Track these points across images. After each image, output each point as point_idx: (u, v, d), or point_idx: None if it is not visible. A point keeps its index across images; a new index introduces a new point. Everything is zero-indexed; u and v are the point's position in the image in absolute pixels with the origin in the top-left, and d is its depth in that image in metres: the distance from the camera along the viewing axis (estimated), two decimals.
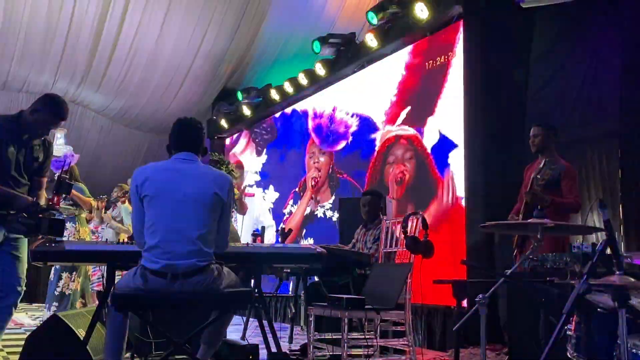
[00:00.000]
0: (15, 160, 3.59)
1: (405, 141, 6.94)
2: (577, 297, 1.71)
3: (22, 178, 3.65)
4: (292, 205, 9.34)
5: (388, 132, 7.29)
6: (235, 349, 4.14)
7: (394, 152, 7.13)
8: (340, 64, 8.16)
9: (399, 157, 7.03)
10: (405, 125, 7.03)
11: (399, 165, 6.99)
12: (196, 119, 3.34)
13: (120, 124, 11.61)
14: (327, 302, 3.09)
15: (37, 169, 3.77)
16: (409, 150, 6.90)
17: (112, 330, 3.11)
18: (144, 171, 3.06)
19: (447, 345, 5.59)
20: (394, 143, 7.12)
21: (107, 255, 3.35)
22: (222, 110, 10.94)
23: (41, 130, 3.71)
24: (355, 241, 4.94)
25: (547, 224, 2.25)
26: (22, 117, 3.66)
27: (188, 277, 2.88)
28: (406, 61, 7.19)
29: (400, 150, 7.02)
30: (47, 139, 3.85)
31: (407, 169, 6.80)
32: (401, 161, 6.97)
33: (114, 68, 9.96)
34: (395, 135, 7.15)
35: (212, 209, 3.02)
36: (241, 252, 3.42)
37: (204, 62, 10.10)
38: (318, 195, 8.69)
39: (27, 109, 3.70)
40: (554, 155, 4.52)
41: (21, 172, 3.64)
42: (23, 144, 3.65)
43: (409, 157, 6.88)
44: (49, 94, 3.86)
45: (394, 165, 7.09)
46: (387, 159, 7.20)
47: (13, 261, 3.62)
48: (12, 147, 3.58)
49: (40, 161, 3.78)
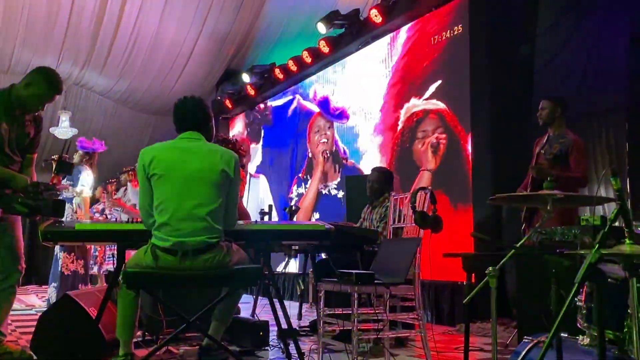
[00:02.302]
0: (8, 137, 3.46)
1: (435, 115, 6.74)
2: (589, 266, 1.71)
3: (15, 155, 3.53)
4: (298, 189, 9.34)
5: (413, 107, 7.07)
6: (246, 326, 4.17)
7: (424, 127, 6.88)
8: (345, 41, 8.10)
9: (428, 132, 6.80)
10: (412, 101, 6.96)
11: (430, 138, 6.77)
12: (197, 97, 3.29)
13: (125, 106, 11.61)
14: (337, 278, 3.10)
15: (28, 145, 3.62)
16: (439, 126, 6.70)
17: (124, 308, 3.13)
18: (151, 150, 3.06)
19: (456, 320, 5.62)
20: (423, 118, 6.90)
21: (117, 235, 3.36)
22: (226, 91, 10.93)
23: (35, 105, 3.54)
24: (362, 220, 4.94)
25: (557, 195, 2.24)
26: (14, 91, 3.50)
27: (198, 254, 2.90)
28: (411, 37, 7.13)
29: (430, 125, 6.78)
30: (39, 113, 3.68)
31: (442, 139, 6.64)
32: (426, 136, 6.79)
33: (117, 50, 9.94)
34: (423, 109, 6.89)
35: (219, 186, 3.02)
36: (250, 230, 3.43)
37: (207, 43, 10.05)
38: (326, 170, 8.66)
39: (19, 83, 3.52)
40: (563, 128, 4.48)
41: (14, 149, 3.51)
42: (15, 119, 3.51)
43: (435, 128, 6.70)
44: (42, 67, 3.63)
45: (423, 139, 6.88)
46: (416, 135, 6.98)
47: (10, 241, 3.57)
48: (5, 123, 3.44)
49: (32, 137, 3.63)
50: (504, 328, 4.95)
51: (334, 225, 3.87)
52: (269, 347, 4.11)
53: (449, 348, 4.35)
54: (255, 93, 10.30)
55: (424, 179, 6.65)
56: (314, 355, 3.73)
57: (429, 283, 5.80)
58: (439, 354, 3.81)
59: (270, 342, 4.17)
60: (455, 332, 5.20)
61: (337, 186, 8.29)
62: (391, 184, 4.97)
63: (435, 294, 6.02)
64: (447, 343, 4.63)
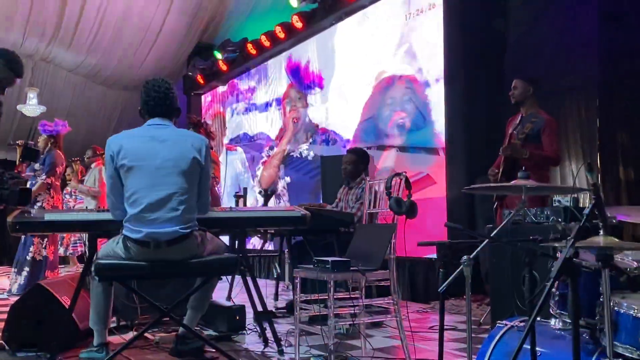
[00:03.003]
0: None
1: (403, 82, 6.75)
2: (564, 261, 1.72)
3: None
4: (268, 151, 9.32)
5: (381, 74, 7.09)
6: (222, 310, 4.17)
7: (392, 94, 6.91)
8: (318, 17, 7.99)
9: (397, 100, 6.82)
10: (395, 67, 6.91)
11: (398, 113, 6.80)
12: (164, 80, 3.15)
13: (94, 82, 11.34)
14: (312, 265, 3.09)
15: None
16: (406, 93, 6.71)
17: (97, 299, 3.11)
18: (118, 140, 2.96)
19: (430, 297, 5.69)
20: (391, 85, 6.92)
21: (89, 224, 3.30)
22: (197, 66, 10.74)
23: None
24: (338, 200, 4.94)
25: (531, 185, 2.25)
26: None
27: (171, 245, 2.85)
28: (385, 12, 7.06)
29: (399, 92, 6.79)
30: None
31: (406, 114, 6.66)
32: (399, 105, 6.79)
33: (85, 25, 9.67)
34: (391, 76, 6.92)
35: (191, 174, 2.96)
36: (224, 218, 3.40)
37: (176, 18, 9.84)
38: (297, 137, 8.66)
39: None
40: (536, 108, 4.50)
41: None
42: None
43: (407, 99, 6.70)
44: (1, 49, 3.48)
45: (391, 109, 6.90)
46: (385, 101, 7.00)
47: None
48: None
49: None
50: (477, 305, 5.04)
51: (309, 209, 3.86)
52: (246, 331, 4.11)
53: (423, 327, 4.40)
54: (228, 68, 10.14)
55: (391, 154, 6.68)
56: (291, 339, 3.75)
57: (403, 260, 5.85)
58: (413, 334, 3.85)
59: (247, 325, 4.17)
60: (430, 310, 5.26)
61: (309, 147, 8.26)
62: (367, 165, 4.97)
63: (410, 270, 6.07)
64: (422, 322, 4.69)
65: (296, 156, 8.61)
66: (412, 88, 6.57)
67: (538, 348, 2.26)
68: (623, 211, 2.70)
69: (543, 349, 2.31)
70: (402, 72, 6.72)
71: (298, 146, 8.59)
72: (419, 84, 6.49)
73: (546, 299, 1.93)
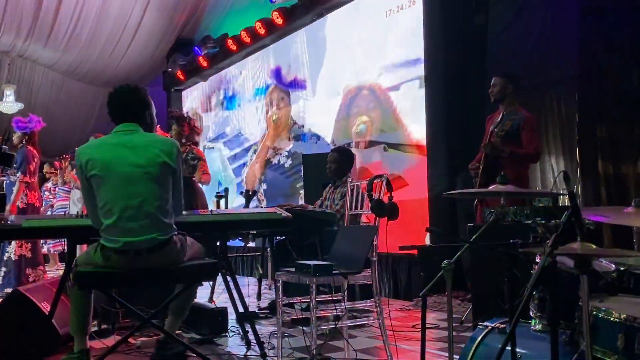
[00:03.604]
0: None
1: (367, 91, 6.85)
2: (542, 270, 1.73)
3: None
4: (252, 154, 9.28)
5: (349, 84, 7.18)
6: (204, 313, 4.15)
7: (358, 103, 7.03)
8: (298, 13, 7.95)
9: (362, 108, 6.94)
10: (367, 75, 6.93)
11: (361, 117, 6.92)
12: (132, 86, 3.10)
13: (73, 78, 11.21)
14: (294, 268, 3.09)
15: None
16: (371, 100, 6.82)
17: (77, 305, 3.06)
18: (86, 150, 2.91)
19: (413, 294, 5.71)
20: (356, 94, 7.03)
21: (67, 230, 3.26)
22: (177, 62, 10.65)
23: None
24: (323, 199, 4.93)
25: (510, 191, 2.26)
26: None
27: (150, 252, 2.81)
28: (366, 9, 7.04)
29: (364, 100, 6.93)
30: None
31: (369, 120, 6.74)
32: (365, 112, 6.88)
33: (62, 21, 9.54)
34: (356, 86, 7.05)
35: (163, 179, 2.90)
36: (204, 221, 3.37)
37: (155, 13, 9.73)
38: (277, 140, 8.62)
39: None
40: (515, 105, 4.52)
41: None
42: None
43: (372, 107, 6.80)
44: None
45: (357, 116, 7.02)
46: (351, 111, 7.11)
47: None
48: None
49: None
50: (459, 302, 5.06)
51: (290, 210, 3.85)
52: (228, 334, 4.10)
53: (406, 326, 4.42)
54: (208, 64, 10.06)
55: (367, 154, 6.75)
56: (273, 341, 3.75)
57: (386, 256, 5.86)
58: (397, 334, 3.87)
59: (230, 327, 4.15)
60: (413, 308, 5.28)
61: (289, 153, 8.24)
62: (351, 163, 4.98)
63: (393, 267, 6.09)
64: (405, 320, 4.70)
65: (277, 155, 8.58)
66: (385, 87, 6.60)
67: (519, 349, 2.29)
68: (602, 212, 2.71)
69: (524, 350, 2.34)
70: (380, 70, 6.73)
71: (280, 145, 8.56)
72: (395, 83, 6.51)
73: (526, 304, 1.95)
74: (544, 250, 1.90)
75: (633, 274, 2.28)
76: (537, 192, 3.73)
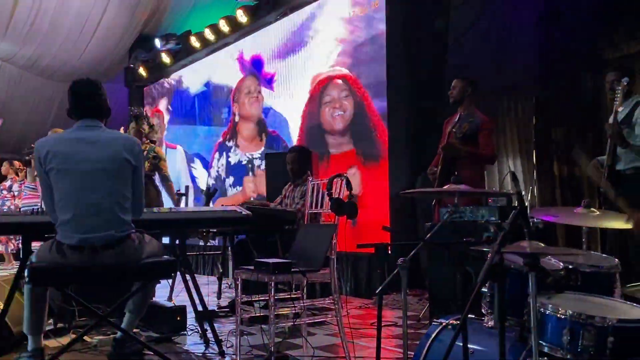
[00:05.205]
0: None
1: (340, 81, 6.85)
2: (490, 268, 1.79)
3: None
4: (220, 158, 9.20)
5: (319, 75, 7.18)
6: (163, 311, 4.12)
7: (329, 92, 7.02)
8: (262, 11, 7.95)
9: (335, 97, 6.93)
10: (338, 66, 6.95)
11: (335, 111, 6.92)
12: (93, 81, 3.06)
13: (31, 73, 10.94)
14: (253, 266, 3.10)
15: None
16: (344, 89, 6.82)
17: (31, 303, 3.01)
18: (46, 143, 2.87)
19: (373, 292, 5.77)
20: (328, 84, 7.03)
21: (22, 227, 3.21)
22: (139, 58, 10.51)
23: None
24: (283, 197, 4.94)
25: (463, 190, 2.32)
26: None
27: (107, 249, 2.79)
28: (329, 9, 7.08)
29: (336, 90, 6.93)
30: None
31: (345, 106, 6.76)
32: (338, 101, 6.89)
33: (20, 14, 9.29)
34: (327, 76, 7.03)
35: (123, 176, 2.89)
36: (164, 219, 3.36)
37: (117, 8, 9.57)
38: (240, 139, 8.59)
39: None
40: (472, 108, 4.61)
41: None
42: None
43: (344, 95, 6.80)
44: None
45: (330, 104, 7.00)
46: (323, 100, 7.10)
47: None
48: None
49: None
50: (417, 300, 5.14)
51: (251, 208, 3.86)
52: (187, 332, 4.08)
53: (365, 323, 4.47)
54: (171, 61, 9.97)
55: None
56: (232, 339, 3.75)
57: (346, 255, 5.92)
58: (354, 331, 3.92)
59: (189, 326, 4.14)
60: (372, 306, 5.34)
61: (261, 156, 8.24)
62: (309, 162, 5.00)
63: (353, 265, 6.14)
64: (364, 318, 4.76)
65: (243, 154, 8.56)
66: (350, 87, 6.65)
67: (471, 345, 2.34)
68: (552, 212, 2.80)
69: (475, 346, 2.39)
70: (342, 70, 6.77)
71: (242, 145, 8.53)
72: (358, 83, 6.56)
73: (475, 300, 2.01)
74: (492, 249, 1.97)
75: (580, 272, 2.37)
76: (490, 192, 3.83)
